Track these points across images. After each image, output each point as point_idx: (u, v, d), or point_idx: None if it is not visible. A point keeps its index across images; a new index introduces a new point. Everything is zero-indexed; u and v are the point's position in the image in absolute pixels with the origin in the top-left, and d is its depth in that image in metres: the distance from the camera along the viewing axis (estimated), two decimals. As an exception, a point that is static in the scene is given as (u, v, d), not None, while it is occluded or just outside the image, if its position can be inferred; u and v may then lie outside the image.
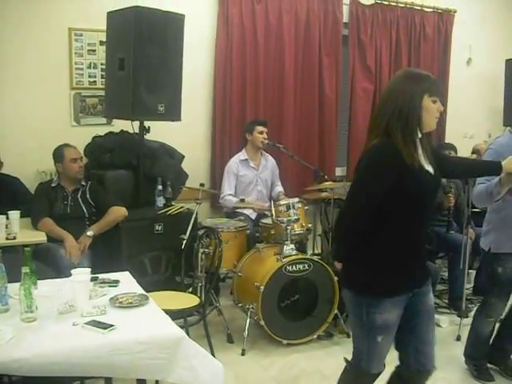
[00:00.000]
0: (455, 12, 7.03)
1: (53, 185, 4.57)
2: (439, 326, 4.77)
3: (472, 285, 5.51)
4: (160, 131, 5.08)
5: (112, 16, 4.71)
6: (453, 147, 5.65)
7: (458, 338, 4.51)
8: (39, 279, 2.93)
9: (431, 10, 6.88)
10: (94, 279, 3.10)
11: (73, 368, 2.36)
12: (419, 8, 6.79)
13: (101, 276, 3.21)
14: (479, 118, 7.45)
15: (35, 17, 4.99)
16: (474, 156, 6.09)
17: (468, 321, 4.72)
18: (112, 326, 2.51)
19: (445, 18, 7.00)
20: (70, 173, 4.55)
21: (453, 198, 5.08)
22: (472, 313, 4.90)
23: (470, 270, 5.38)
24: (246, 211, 5.28)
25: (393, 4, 6.62)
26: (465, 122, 7.24)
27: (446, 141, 6.80)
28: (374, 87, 6.61)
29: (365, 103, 6.57)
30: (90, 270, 3.01)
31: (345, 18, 6.38)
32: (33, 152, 5.00)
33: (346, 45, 6.43)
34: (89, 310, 2.69)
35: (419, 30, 6.85)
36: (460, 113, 7.16)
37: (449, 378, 3.93)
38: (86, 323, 2.54)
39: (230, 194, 5.34)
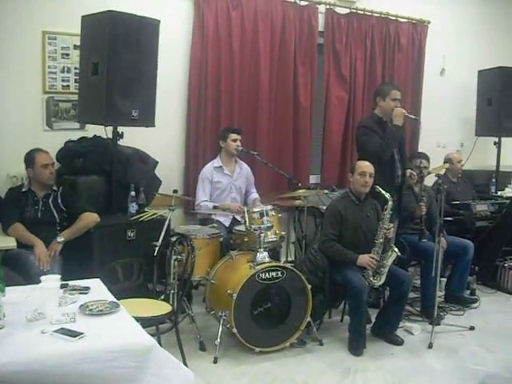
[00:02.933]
0: (429, 23, 7.11)
1: (23, 190, 4.52)
2: (411, 333, 4.80)
3: (443, 293, 5.56)
4: (134, 137, 5.04)
5: (86, 20, 4.67)
6: (425, 156, 5.71)
7: (430, 346, 4.54)
8: (7, 286, 2.87)
9: (406, 20, 6.96)
10: (63, 286, 3.06)
11: (41, 377, 2.32)
12: (394, 18, 6.85)
13: (71, 283, 3.17)
14: (452, 128, 7.54)
15: (8, 19, 4.92)
16: (447, 165, 6.16)
17: (440, 328, 4.78)
18: (81, 333, 2.48)
19: (419, 28, 7.08)
20: (40, 178, 4.49)
21: (424, 206, 5.12)
22: (444, 320, 4.99)
23: (442, 278, 5.43)
24: (220, 218, 5.25)
25: (368, 13, 6.67)
26: (438, 131, 7.31)
27: (419, 150, 6.87)
28: (349, 96, 6.64)
29: (339, 112, 6.60)
30: (59, 276, 2.98)
31: (320, 27, 6.41)
32: (3, 156, 4.92)
33: (321, 53, 6.46)
34: (58, 317, 2.65)
35: (394, 40, 6.91)
36: (433, 122, 7.22)
37: (420, 386, 3.96)
38: (54, 331, 2.50)
39: (206, 200, 5.31)
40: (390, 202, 4.54)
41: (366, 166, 4.61)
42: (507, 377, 4.09)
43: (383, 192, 4.56)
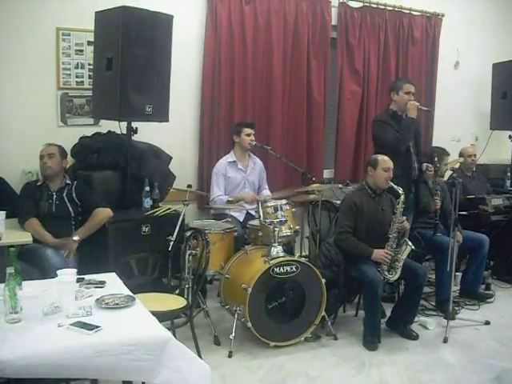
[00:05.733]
0: (443, 16, 7.07)
1: (38, 184, 4.55)
2: (426, 328, 4.78)
3: (458, 287, 5.53)
4: (147, 132, 5.05)
5: (100, 16, 4.68)
6: (444, 151, 5.59)
7: (445, 340, 4.52)
8: (24, 280, 2.90)
9: (419, 13, 6.91)
10: (79, 280, 3.08)
11: (58, 370, 2.34)
12: (407, 11, 6.82)
13: (87, 277, 3.19)
14: (466, 122, 7.50)
15: (23, 16, 4.94)
16: (461, 159, 6.12)
17: (455, 323, 4.76)
18: (98, 327, 2.50)
19: (433, 21, 7.04)
20: (40, 171, 4.56)
21: (439, 200, 5.10)
22: (459, 315, 4.96)
23: (457, 273, 5.40)
24: (234, 213, 5.26)
25: (381, 7, 6.64)
26: (452, 125, 7.28)
27: (434, 144, 6.84)
28: (362, 90, 6.62)
29: (353, 106, 6.58)
30: (75, 270, 2.99)
31: (333, 21, 6.39)
32: (19, 152, 4.94)
33: (335, 47, 6.44)
34: (74, 311, 2.67)
35: (407, 34, 6.87)
36: (447, 116, 7.20)
37: (436, 380, 3.95)
38: (71, 324, 2.52)
39: (221, 195, 5.31)
40: (402, 197, 4.52)
41: (389, 161, 4.61)
42: (523, 371, 4.07)
43: (395, 187, 4.55)
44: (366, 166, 4.79)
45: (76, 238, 4.33)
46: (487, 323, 4.91)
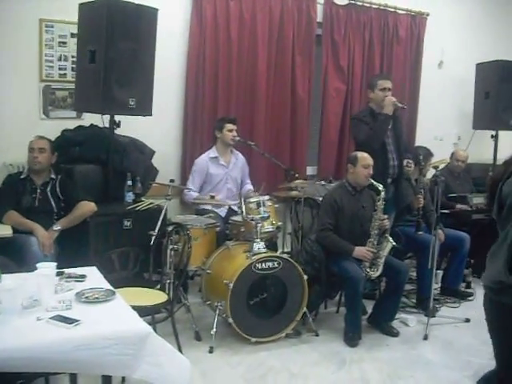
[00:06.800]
0: (428, 15, 7.08)
1: (22, 176, 4.50)
2: (407, 325, 4.81)
3: (439, 285, 5.57)
4: (130, 126, 5.02)
5: (84, 8, 4.63)
6: (425, 151, 5.60)
7: (425, 338, 4.56)
8: (3, 273, 2.87)
9: (404, 12, 6.93)
10: (59, 273, 3.05)
11: (37, 364, 2.31)
12: (393, 10, 6.83)
13: (67, 271, 3.15)
14: (449, 121, 7.53)
15: (5, 7, 4.87)
16: (446, 160, 6.17)
17: (435, 320, 4.79)
18: (77, 321, 2.47)
19: (418, 20, 7.05)
20: (27, 162, 4.50)
21: (422, 198, 5.12)
22: (439, 312, 5.00)
23: (438, 271, 5.42)
24: (216, 208, 5.25)
25: (366, 5, 6.65)
26: (435, 124, 7.31)
27: (417, 143, 6.87)
28: (346, 87, 6.62)
29: (337, 103, 6.58)
30: (55, 264, 2.96)
31: (319, 18, 6.38)
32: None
33: (320, 44, 6.44)
34: (54, 304, 2.64)
35: (392, 32, 6.88)
36: (431, 115, 7.23)
37: (416, 376, 3.97)
38: (50, 318, 2.49)
39: (191, 190, 5.30)
40: (383, 193, 4.55)
41: (369, 158, 4.62)
42: (501, 369, 4.09)
43: (375, 183, 4.57)
44: (346, 163, 4.79)
45: (57, 227, 4.29)
46: (467, 321, 4.94)
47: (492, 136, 7.17)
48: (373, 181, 4.58)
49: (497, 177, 2.72)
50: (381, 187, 4.56)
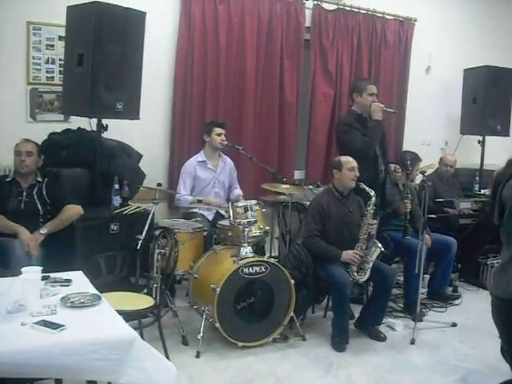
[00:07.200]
0: (416, 20, 7.11)
1: (7, 179, 4.46)
2: (394, 329, 4.82)
3: (426, 289, 5.58)
4: (118, 129, 5.01)
5: (72, 10, 4.62)
6: (413, 155, 5.59)
7: (412, 342, 4.56)
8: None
9: (392, 17, 6.95)
10: (45, 278, 3.03)
11: (21, 369, 2.30)
12: (381, 15, 6.85)
13: (52, 275, 3.14)
14: (437, 126, 7.56)
15: (-8, 9, 4.87)
16: (433, 164, 6.19)
17: (422, 325, 4.80)
18: (62, 326, 2.46)
19: (405, 26, 7.08)
20: (14, 165, 4.47)
21: (409, 203, 5.12)
22: (426, 317, 5.01)
23: (425, 275, 5.44)
24: (204, 212, 5.24)
25: (355, 10, 6.67)
26: (423, 129, 7.34)
27: (404, 147, 6.89)
28: (334, 92, 6.63)
29: (325, 108, 6.59)
30: (41, 268, 2.94)
31: (307, 23, 6.40)
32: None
33: (308, 49, 6.45)
34: (39, 309, 2.62)
35: (380, 37, 6.91)
36: (418, 120, 7.26)
37: (403, 381, 3.98)
38: (35, 323, 2.47)
39: (186, 195, 5.29)
40: (374, 198, 4.56)
41: (353, 161, 4.64)
42: (488, 373, 4.11)
43: (367, 189, 4.57)
44: (331, 169, 4.79)
45: (43, 230, 4.25)
46: (454, 325, 4.96)
47: (479, 141, 7.21)
48: (365, 186, 4.59)
49: (498, 178, 2.68)
50: (372, 192, 4.57)
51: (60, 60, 5.12)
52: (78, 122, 5.09)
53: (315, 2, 6.41)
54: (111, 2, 4.56)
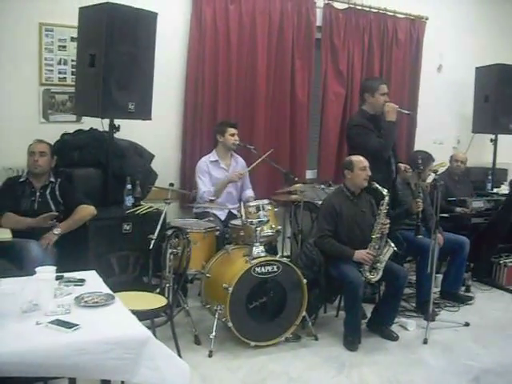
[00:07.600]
0: (427, 19, 7.09)
1: (21, 180, 4.49)
2: (406, 329, 4.81)
3: (439, 289, 5.56)
4: (130, 130, 5.03)
5: (84, 12, 4.65)
6: (425, 155, 5.54)
7: (425, 342, 4.55)
8: (2, 277, 2.87)
9: (403, 16, 6.94)
10: (59, 278, 3.04)
11: (35, 368, 2.31)
12: (392, 14, 6.84)
13: (66, 275, 3.15)
14: (449, 125, 7.54)
15: (5, 10, 4.88)
16: (445, 163, 6.16)
17: (435, 324, 4.79)
18: (76, 325, 2.46)
19: (417, 24, 7.06)
20: (27, 165, 4.49)
21: (421, 202, 5.10)
22: (439, 316, 4.99)
23: (438, 275, 5.42)
24: (216, 211, 5.24)
25: (366, 9, 6.66)
26: (434, 128, 7.31)
27: (417, 147, 6.86)
28: (346, 91, 6.62)
29: (336, 107, 6.58)
30: (55, 268, 2.96)
31: (318, 22, 6.40)
32: (-1, 148, 4.90)
33: (319, 48, 6.45)
34: (53, 308, 2.63)
35: (391, 36, 6.89)
36: (430, 119, 7.22)
37: (415, 381, 3.96)
38: (49, 322, 2.48)
39: (207, 190, 5.25)
40: (387, 198, 4.54)
41: (364, 160, 4.62)
42: (501, 372, 4.09)
43: (380, 188, 4.56)
44: (342, 169, 4.76)
45: (57, 231, 4.27)
46: (467, 325, 4.94)
47: (491, 140, 7.18)
48: (377, 185, 4.57)
49: None
50: (385, 191, 4.55)
51: (72, 61, 5.14)
52: (91, 123, 5.11)
53: (326, 2, 6.41)
54: (123, 2, 4.58)
